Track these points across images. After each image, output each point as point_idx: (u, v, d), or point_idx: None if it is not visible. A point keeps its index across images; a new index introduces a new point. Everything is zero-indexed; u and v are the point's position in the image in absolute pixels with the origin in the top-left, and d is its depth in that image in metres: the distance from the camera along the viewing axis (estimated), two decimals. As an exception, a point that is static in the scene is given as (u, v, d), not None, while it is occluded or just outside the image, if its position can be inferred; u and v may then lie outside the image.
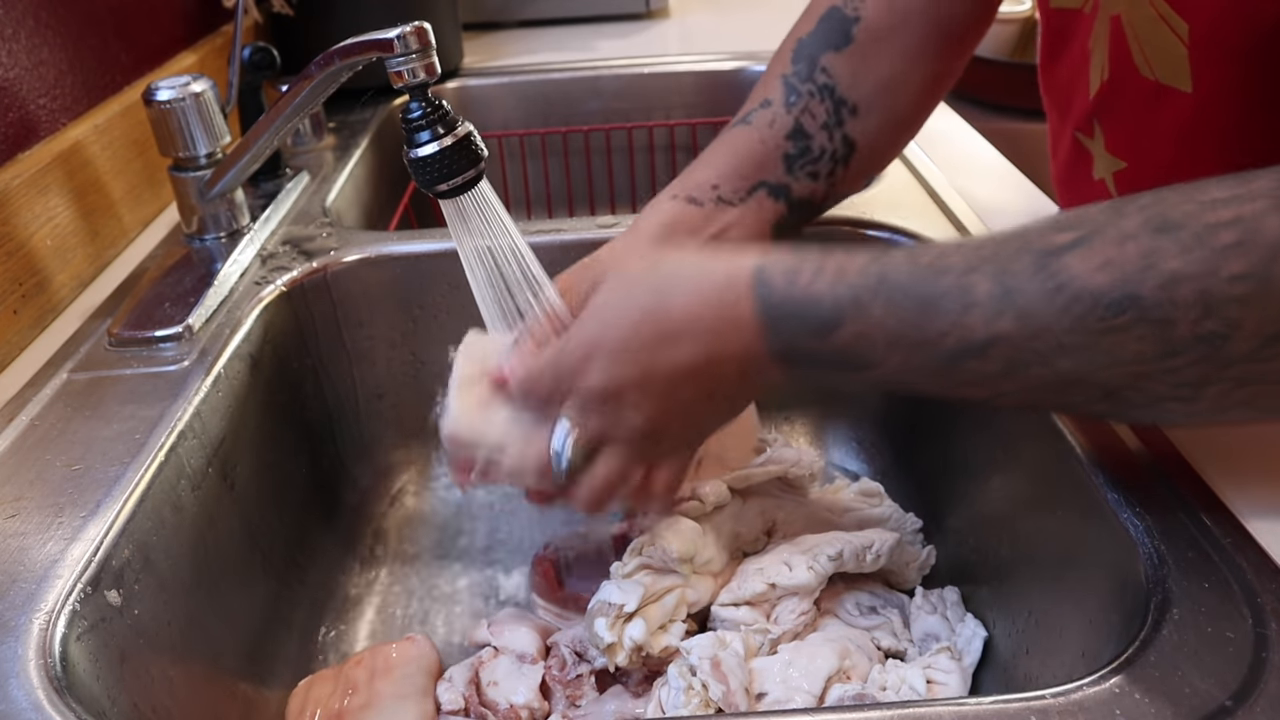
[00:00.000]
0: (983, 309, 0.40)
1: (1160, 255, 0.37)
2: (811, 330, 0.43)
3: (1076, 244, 0.39)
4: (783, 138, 0.61)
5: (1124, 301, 0.37)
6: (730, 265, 0.46)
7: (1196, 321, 0.36)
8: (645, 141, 1.16)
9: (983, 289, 0.40)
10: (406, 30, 0.52)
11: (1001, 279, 0.40)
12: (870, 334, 0.42)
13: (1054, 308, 0.38)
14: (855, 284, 0.43)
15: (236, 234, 0.75)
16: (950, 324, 0.41)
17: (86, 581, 0.46)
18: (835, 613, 0.59)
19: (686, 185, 0.61)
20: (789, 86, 0.61)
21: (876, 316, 0.42)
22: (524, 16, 1.39)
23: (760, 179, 0.61)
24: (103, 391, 0.59)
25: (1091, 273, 0.38)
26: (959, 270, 0.41)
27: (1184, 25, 0.49)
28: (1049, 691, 0.37)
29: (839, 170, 0.62)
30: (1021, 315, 0.39)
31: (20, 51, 0.71)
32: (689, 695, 0.49)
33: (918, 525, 0.62)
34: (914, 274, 0.42)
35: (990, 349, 0.40)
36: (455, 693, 0.57)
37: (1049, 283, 0.39)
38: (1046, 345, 0.39)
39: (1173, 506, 0.45)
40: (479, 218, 0.54)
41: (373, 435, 0.80)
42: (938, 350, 0.41)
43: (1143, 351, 0.38)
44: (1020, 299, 0.39)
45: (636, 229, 0.60)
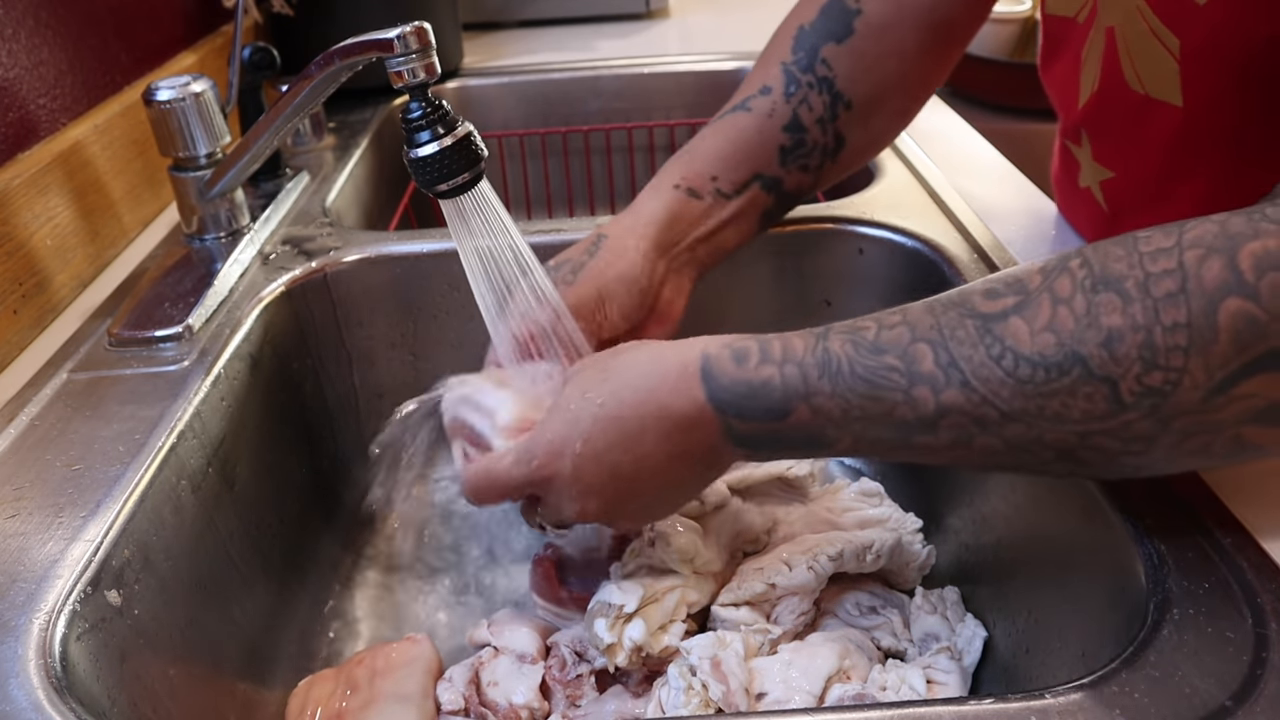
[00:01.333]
0: (929, 381, 0.40)
1: (1100, 311, 0.37)
2: (764, 413, 0.44)
3: (1018, 308, 0.39)
4: (780, 129, 0.61)
5: (1066, 362, 0.37)
6: (681, 355, 0.46)
7: (1140, 376, 0.36)
8: (645, 141, 1.16)
9: (928, 360, 0.40)
10: (406, 30, 0.52)
11: (945, 349, 0.40)
12: (822, 412, 0.42)
13: (999, 374, 0.39)
14: (803, 363, 0.43)
15: (236, 234, 0.75)
16: (898, 400, 0.41)
17: (86, 581, 0.46)
18: (835, 613, 0.59)
19: (687, 173, 0.61)
20: (789, 75, 0.62)
21: (826, 395, 0.42)
22: (524, 16, 1.39)
23: (756, 171, 0.61)
24: (103, 391, 0.59)
25: (1034, 335, 0.38)
26: (904, 344, 0.41)
27: (1175, 41, 0.49)
28: (1049, 691, 0.37)
29: (826, 164, 0.63)
30: (967, 384, 0.39)
31: (20, 51, 0.71)
32: (689, 695, 0.49)
33: (918, 525, 0.62)
34: (859, 351, 0.42)
35: (940, 421, 0.40)
36: (455, 693, 0.57)
37: (993, 349, 0.39)
38: (994, 412, 0.39)
39: (1172, 507, 0.45)
40: (479, 218, 0.54)
41: (373, 435, 0.79)
42: (889, 425, 0.41)
43: (1090, 410, 0.38)
44: (965, 367, 0.39)
45: (638, 214, 0.60)
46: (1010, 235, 0.70)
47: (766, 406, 0.43)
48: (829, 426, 0.43)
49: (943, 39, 0.62)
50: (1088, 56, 0.58)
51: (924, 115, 0.68)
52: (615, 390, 0.47)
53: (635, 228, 0.59)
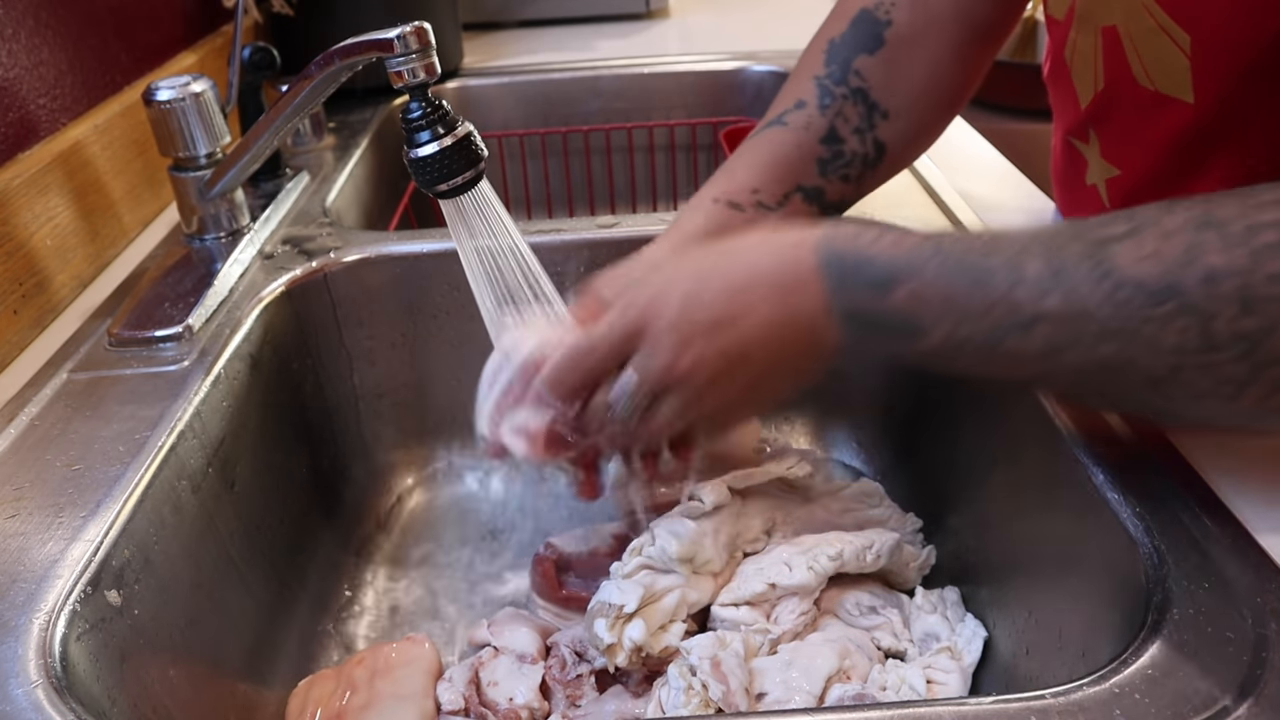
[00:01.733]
0: (1030, 286, 0.41)
1: (1202, 250, 0.38)
2: (870, 284, 0.45)
3: (1126, 235, 0.40)
4: (817, 141, 0.61)
5: (1165, 292, 0.38)
6: (797, 230, 0.48)
7: (1236, 318, 0.37)
8: (645, 141, 1.16)
9: (1032, 268, 0.41)
10: (406, 30, 0.52)
11: (1051, 260, 0.41)
12: (923, 296, 0.43)
13: (1099, 292, 0.39)
14: (913, 249, 0.44)
15: (236, 234, 0.75)
16: (999, 296, 0.42)
17: (86, 581, 0.46)
18: (835, 613, 0.59)
19: (727, 188, 0.61)
20: (823, 89, 0.62)
21: (929, 279, 0.43)
22: (524, 16, 1.39)
23: (797, 183, 0.61)
24: (103, 391, 0.59)
25: (1136, 262, 0.39)
26: (1012, 249, 0.42)
27: (1185, 37, 0.49)
28: (1049, 691, 0.37)
29: (868, 173, 0.63)
30: (1067, 296, 0.40)
31: (20, 51, 0.71)
32: (689, 695, 0.49)
33: (918, 525, 0.62)
34: (969, 248, 0.44)
35: (1035, 326, 0.41)
36: (455, 692, 0.57)
37: (1096, 269, 0.40)
38: (1089, 328, 0.40)
39: (1173, 506, 0.45)
40: (479, 218, 0.54)
41: (373, 435, 0.80)
42: (984, 322, 0.42)
43: (1183, 343, 0.38)
44: (1067, 280, 0.40)
45: (681, 230, 0.60)
46: (1010, 235, 0.70)
47: (872, 278, 0.45)
48: (926, 312, 0.44)
49: (976, 41, 0.62)
50: (1074, 56, 0.58)
51: (924, 115, 0.68)
52: (727, 250, 0.48)
53: (677, 243, 0.58)
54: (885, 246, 0.45)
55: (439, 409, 0.80)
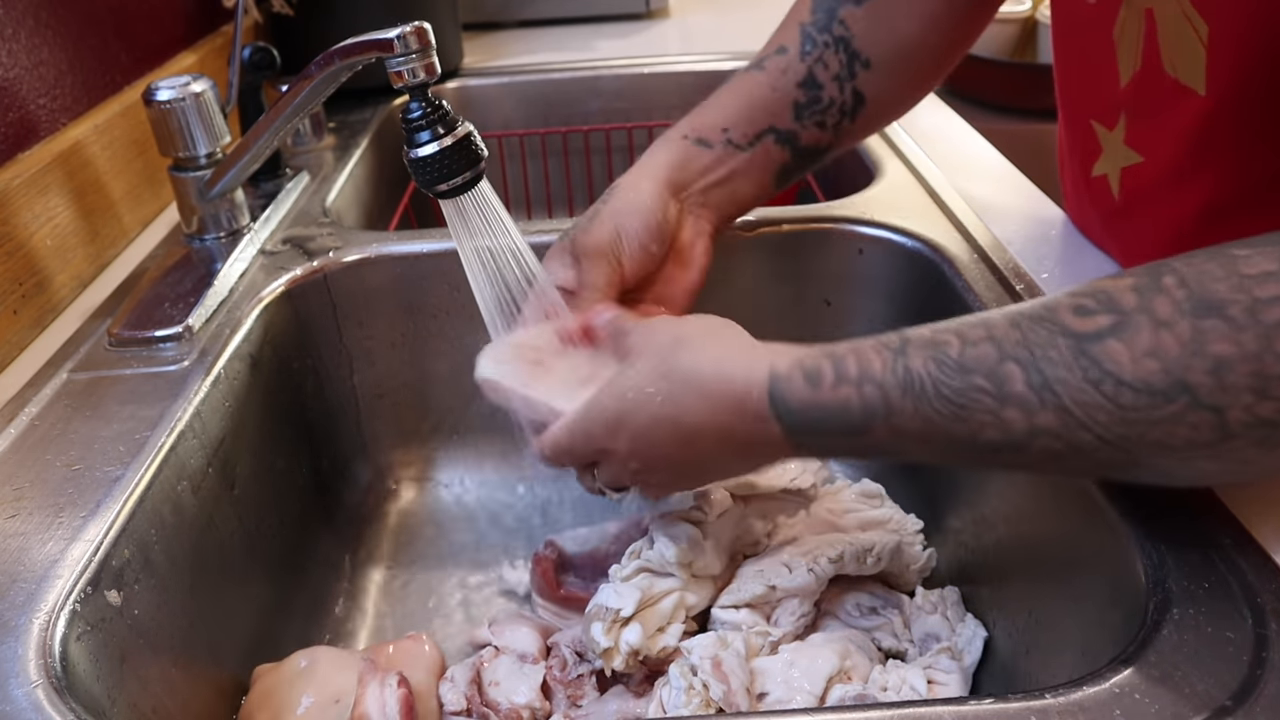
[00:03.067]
0: (1021, 404, 0.38)
1: (1207, 339, 0.35)
2: (842, 432, 0.43)
3: (1115, 330, 0.37)
4: (794, 85, 0.61)
5: (1172, 390, 0.36)
6: (748, 375, 0.44)
7: (1251, 406, 0.35)
8: (645, 141, 1.16)
9: (1018, 381, 0.38)
10: (406, 30, 0.52)
11: (1037, 371, 0.38)
12: (901, 430, 0.41)
13: (1098, 399, 0.37)
14: (883, 383, 0.41)
15: (236, 234, 0.75)
16: (988, 420, 0.39)
17: (86, 581, 0.46)
18: (836, 613, 0.59)
19: (696, 125, 0.62)
20: (805, 35, 0.62)
21: (908, 415, 0.41)
22: (524, 16, 1.39)
23: (769, 125, 0.61)
24: (103, 391, 0.59)
25: (1135, 361, 0.36)
26: (991, 363, 0.39)
27: (1204, 26, 0.49)
28: (1049, 691, 0.37)
29: (845, 122, 0.63)
30: (1064, 409, 0.38)
31: (20, 51, 0.71)
32: (690, 695, 0.49)
33: (918, 526, 0.62)
34: (943, 370, 0.40)
35: (1032, 442, 0.39)
36: (457, 692, 0.57)
37: (1091, 373, 0.37)
38: (1091, 437, 0.38)
39: (1172, 506, 0.45)
40: (479, 218, 0.54)
41: (373, 435, 0.80)
42: (975, 445, 0.40)
43: (1194, 439, 0.36)
44: (1061, 390, 0.38)
45: (651, 161, 0.61)
46: (1010, 235, 0.70)
47: (844, 426, 0.42)
48: (909, 443, 0.42)
49: (968, 4, 0.62)
50: (1121, 37, 0.56)
51: (924, 115, 0.68)
52: (676, 394, 0.45)
53: (644, 170, 0.60)
54: (848, 391, 0.42)
55: (439, 409, 0.80)
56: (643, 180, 0.60)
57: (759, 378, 0.44)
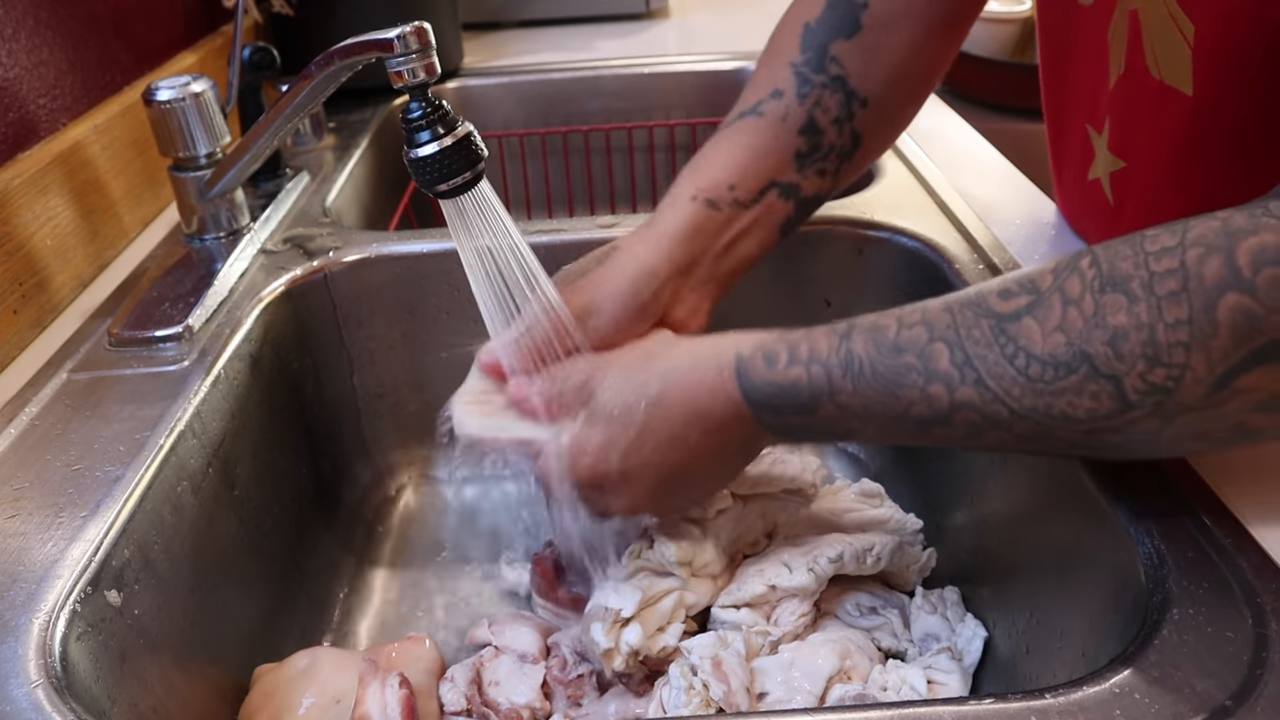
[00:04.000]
0: (943, 380, 0.42)
1: (1106, 311, 0.38)
2: (795, 410, 0.46)
3: (1030, 308, 0.40)
4: (795, 133, 0.60)
5: (1074, 361, 0.39)
6: (714, 356, 0.48)
7: (1144, 373, 0.38)
8: (645, 141, 1.16)
9: (944, 359, 0.42)
10: (406, 30, 0.52)
11: (960, 349, 0.42)
12: (846, 408, 0.45)
13: (1010, 373, 0.40)
14: (828, 364, 0.45)
15: (236, 234, 0.75)
16: (915, 397, 0.43)
17: (86, 581, 0.46)
18: (835, 613, 0.59)
19: (702, 184, 0.59)
20: (800, 76, 0.60)
21: (848, 395, 0.44)
22: (524, 16, 1.39)
23: (772, 179, 0.60)
24: (103, 391, 0.59)
25: (1045, 335, 0.39)
26: (922, 343, 0.43)
27: (1190, 26, 0.49)
28: (1049, 691, 0.37)
29: (843, 165, 0.62)
30: (981, 382, 0.41)
31: (20, 51, 0.71)
32: (690, 695, 0.49)
33: (918, 526, 0.62)
34: (879, 351, 0.44)
35: (954, 416, 0.42)
36: (458, 693, 0.57)
37: (1007, 349, 0.40)
38: (1004, 410, 0.41)
39: (1172, 506, 0.45)
40: (479, 218, 0.53)
41: (373, 435, 0.80)
42: (907, 420, 0.43)
43: (1096, 409, 0.39)
44: (980, 366, 0.41)
45: (659, 229, 0.58)
46: (1010, 235, 0.70)
47: (796, 404, 0.46)
48: (853, 420, 0.45)
49: (947, 25, 0.61)
50: (1114, 38, 0.56)
51: (924, 115, 0.67)
52: (658, 397, 0.49)
53: (652, 242, 0.57)
54: (798, 371, 0.46)
55: (439, 409, 0.80)
56: (645, 249, 0.57)
57: (728, 359, 0.48)
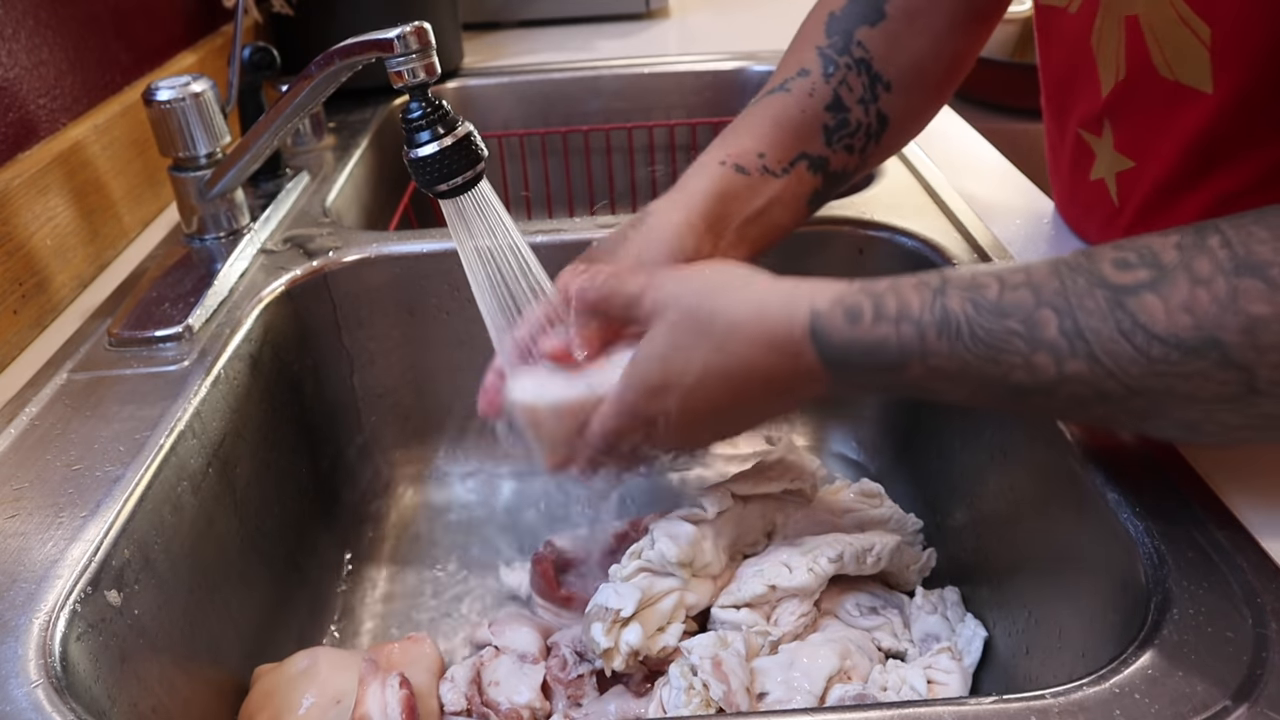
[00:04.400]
0: (1050, 350, 0.39)
1: (1243, 298, 0.36)
2: (877, 369, 0.44)
3: (1152, 284, 0.38)
4: (822, 109, 0.61)
5: (1203, 346, 0.36)
6: (785, 310, 0.46)
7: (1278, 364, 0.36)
8: (645, 141, 1.16)
9: (1051, 329, 0.39)
10: (406, 30, 0.52)
11: (1071, 319, 0.39)
12: (938, 369, 0.42)
13: (1128, 351, 0.38)
14: (920, 321, 0.42)
15: (236, 234, 0.75)
16: (1019, 363, 0.40)
17: (86, 581, 0.46)
18: (835, 613, 0.59)
19: (732, 151, 0.60)
20: (825, 58, 0.61)
21: (943, 355, 0.42)
22: (524, 16, 1.39)
23: (801, 150, 0.61)
24: (103, 391, 0.59)
25: (1169, 315, 0.37)
26: (1026, 308, 0.40)
27: (1206, 29, 0.49)
28: (1049, 691, 0.37)
29: (871, 144, 0.63)
30: (1094, 357, 0.39)
31: (20, 51, 0.71)
32: (690, 695, 0.49)
33: (918, 526, 0.62)
34: (979, 312, 0.41)
35: (1060, 388, 0.40)
36: (458, 692, 0.57)
37: (1124, 323, 0.38)
38: (1119, 386, 0.39)
39: (1172, 506, 0.45)
40: (479, 218, 0.54)
41: (373, 435, 0.80)
42: (1004, 386, 0.41)
43: (1222, 393, 0.37)
44: (1092, 340, 0.39)
45: (684, 190, 0.58)
46: (1010, 235, 0.70)
47: (880, 364, 0.44)
48: (942, 382, 0.43)
49: (972, 17, 0.62)
50: (1101, 46, 0.57)
51: (924, 115, 0.68)
52: (719, 345, 0.46)
53: (680, 203, 0.57)
54: (890, 324, 0.43)
55: (439, 409, 0.80)
56: (675, 212, 0.57)
57: (801, 316, 0.45)
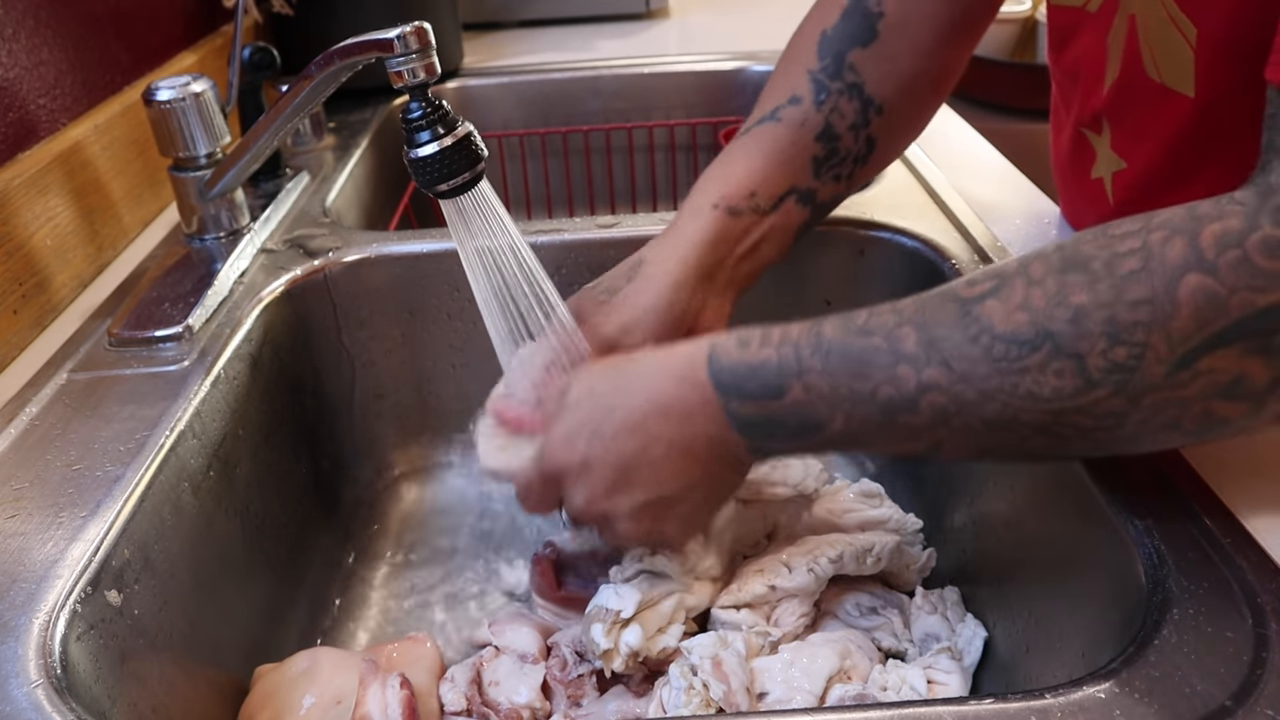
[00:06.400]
0: (909, 361, 0.42)
1: (1068, 291, 0.39)
2: (762, 392, 0.45)
3: (994, 291, 0.41)
4: (812, 139, 0.61)
5: (1038, 339, 0.39)
6: (690, 349, 0.48)
7: (1105, 351, 0.38)
8: (645, 141, 1.16)
9: (909, 342, 0.42)
10: (406, 30, 0.52)
11: (926, 330, 0.42)
12: (813, 389, 0.44)
13: (974, 352, 0.40)
14: (798, 344, 0.45)
15: (236, 234, 0.75)
16: (883, 377, 0.42)
17: (86, 581, 0.46)
18: (836, 613, 0.59)
19: (724, 192, 0.60)
20: (817, 83, 0.61)
21: (816, 373, 0.44)
22: (524, 16, 1.39)
23: (791, 185, 0.61)
24: (103, 391, 0.59)
25: (1008, 315, 0.40)
26: (888, 326, 0.43)
27: (1193, 29, 0.49)
28: (1049, 691, 0.37)
29: (857, 170, 0.63)
30: (946, 363, 0.41)
31: (20, 51, 0.71)
32: (690, 695, 0.49)
33: (918, 526, 0.62)
34: (847, 332, 0.44)
35: (921, 399, 0.42)
36: (458, 692, 0.57)
37: (971, 328, 0.41)
38: (970, 391, 0.41)
39: (1172, 506, 0.45)
40: (479, 218, 0.54)
41: (373, 435, 0.80)
42: (874, 404, 0.43)
43: (1061, 387, 0.39)
44: (945, 346, 0.41)
45: (682, 238, 0.59)
46: (1010, 235, 0.70)
47: (763, 384, 0.45)
48: (820, 404, 0.44)
49: (960, 31, 0.61)
50: (1113, 43, 0.57)
51: (924, 115, 0.68)
52: (623, 383, 0.49)
53: (677, 253, 0.58)
54: (769, 352, 0.45)
55: (439, 409, 0.80)
56: (672, 262, 0.58)
57: (701, 347, 0.48)
